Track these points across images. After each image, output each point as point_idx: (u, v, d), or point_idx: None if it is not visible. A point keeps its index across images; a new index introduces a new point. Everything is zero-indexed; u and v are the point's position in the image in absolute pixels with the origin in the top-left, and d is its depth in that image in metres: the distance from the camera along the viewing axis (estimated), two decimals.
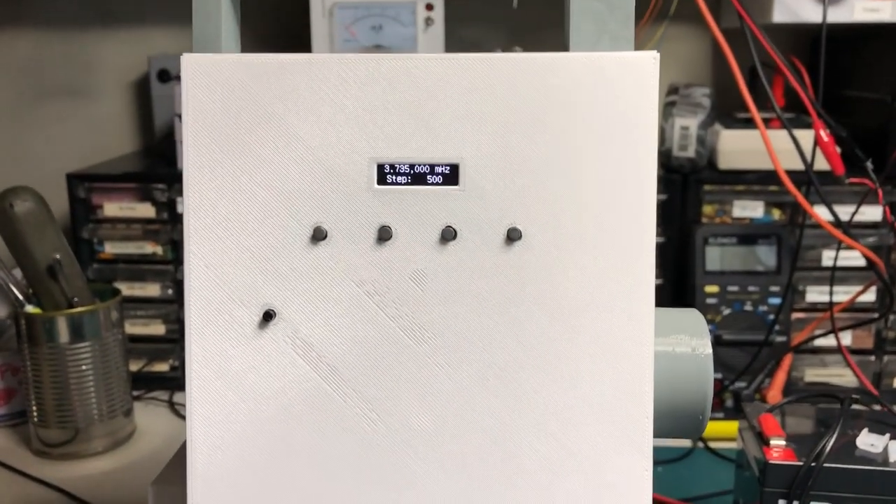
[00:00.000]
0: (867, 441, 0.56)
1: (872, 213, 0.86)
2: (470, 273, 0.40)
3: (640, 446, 0.40)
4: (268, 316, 0.41)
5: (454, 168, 0.40)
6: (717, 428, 0.83)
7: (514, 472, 0.40)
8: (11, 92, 1.17)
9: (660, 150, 0.93)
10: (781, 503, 0.55)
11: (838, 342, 0.79)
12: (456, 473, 0.41)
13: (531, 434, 0.40)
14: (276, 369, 0.41)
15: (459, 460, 0.41)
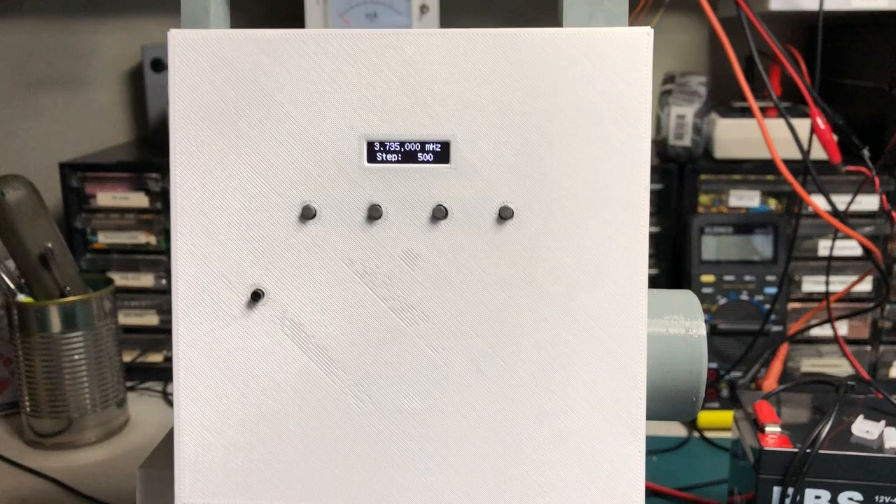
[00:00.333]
0: (863, 428, 0.56)
1: (869, 203, 0.86)
2: (461, 252, 0.40)
3: (633, 428, 0.40)
4: (256, 296, 0.40)
5: (445, 145, 0.39)
6: (712, 417, 0.83)
7: (506, 453, 0.40)
8: (5, 81, 1.17)
9: (656, 139, 0.92)
10: (776, 490, 0.55)
11: (835, 332, 0.78)
12: (447, 455, 0.40)
13: (523, 415, 0.40)
14: (265, 350, 0.40)
15: (450, 442, 0.40)
